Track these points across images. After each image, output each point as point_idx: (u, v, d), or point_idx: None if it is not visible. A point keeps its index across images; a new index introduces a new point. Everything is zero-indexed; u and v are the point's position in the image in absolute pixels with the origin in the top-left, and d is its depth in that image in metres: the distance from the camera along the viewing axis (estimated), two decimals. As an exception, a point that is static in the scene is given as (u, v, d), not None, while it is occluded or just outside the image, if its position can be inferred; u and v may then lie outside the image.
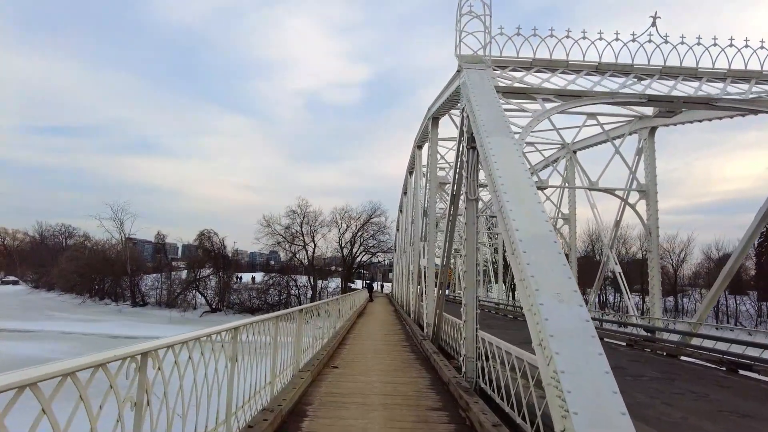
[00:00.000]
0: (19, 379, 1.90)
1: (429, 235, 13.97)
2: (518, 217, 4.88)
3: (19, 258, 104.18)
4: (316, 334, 9.98)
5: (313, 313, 9.34)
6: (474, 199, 7.90)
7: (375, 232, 63.15)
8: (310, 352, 9.08)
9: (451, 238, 10.65)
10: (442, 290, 11.40)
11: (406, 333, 15.64)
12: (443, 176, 16.89)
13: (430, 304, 13.62)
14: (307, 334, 8.83)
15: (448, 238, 10.34)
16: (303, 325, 7.84)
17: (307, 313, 8.47)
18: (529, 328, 4.33)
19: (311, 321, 9.51)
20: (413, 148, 21.19)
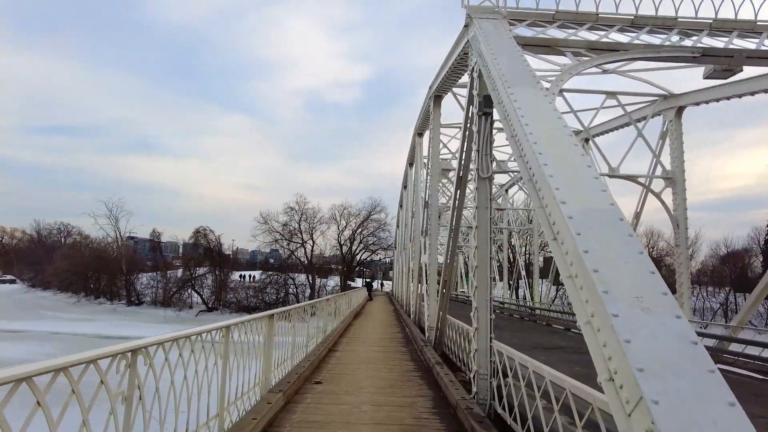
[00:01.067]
0: (13, 374, 2.04)
1: (431, 229, 12.43)
2: (563, 185, 3.34)
3: (16, 257, 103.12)
4: (297, 342, 8.46)
5: (291, 317, 7.80)
6: (487, 177, 6.36)
7: (375, 230, 61.67)
8: (288, 363, 7.57)
9: (456, 231, 9.12)
10: (446, 290, 9.87)
11: (405, 337, 14.12)
12: (446, 161, 15.35)
13: (432, 305, 12.11)
14: (284, 343, 7.32)
15: (453, 230, 8.81)
16: (274, 335, 6.30)
17: (281, 319, 6.93)
18: (591, 352, 2.78)
19: (293, 324, 7.99)
20: (413, 136, 19.63)
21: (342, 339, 12.95)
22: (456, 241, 9.31)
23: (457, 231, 9.12)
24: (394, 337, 13.91)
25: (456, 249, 9.50)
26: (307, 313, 9.49)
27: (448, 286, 9.90)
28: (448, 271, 9.73)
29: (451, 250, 9.36)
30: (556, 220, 3.22)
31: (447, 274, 9.84)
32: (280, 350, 7.38)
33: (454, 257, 9.57)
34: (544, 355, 12.64)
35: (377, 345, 12.12)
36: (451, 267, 9.63)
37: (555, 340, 16.25)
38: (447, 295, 9.98)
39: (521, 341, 15.17)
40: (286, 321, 7.33)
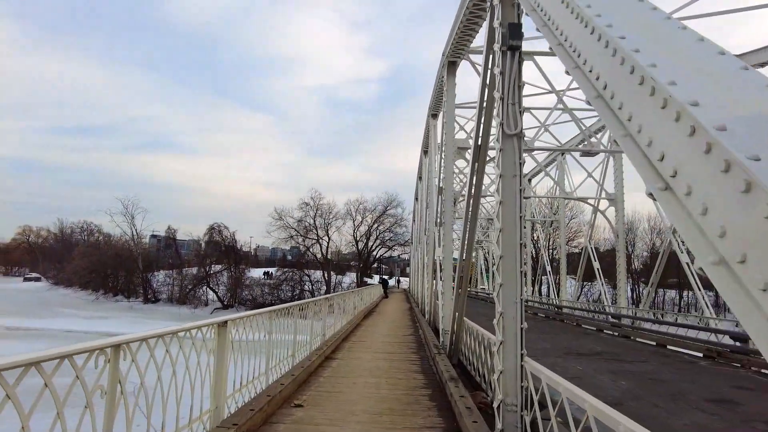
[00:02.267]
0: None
1: (445, 217, 10.72)
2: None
3: (41, 255, 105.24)
4: (280, 354, 6.92)
5: (264, 324, 6.24)
6: (515, 134, 4.66)
7: (391, 225, 60.07)
8: (263, 380, 6.02)
9: (474, 216, 7.41)
10: (463, 288, 8.17)
11: (417, 340, 12.46)
12: (463, 140, 13.53)
13: (447, 304, 10.42)
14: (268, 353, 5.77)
15: (470, 213, 7.10)
16: (229, 347, 4.73)
17: (245, 325, 5.36)
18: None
19: (270, 332, 6.43)
20: (427, 118, 17.90)
21: (345, 343, 11.38)
22: (473, 229, 7.60)
23: (474, 217, 7.40)
24: (404, 341, 12.27)
25: (473, 240, 7.79)
26: (293, 315, 7.93)
27: (465, 284, 8.21)
28: (465, 266, 8.04)
29: (467, 241, 7.66)
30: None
31: (463, 269, 8.15)
32: (254, 362, 5.85)
33: (471, 249, 7.87)
34: (579, 362, 10.83)
35: (384, 351, 10.49)
36: (468, 261, 7.94)
37: (589, 344, 14.36)
38: (463, 294, 8.29)
39: (551, 345, 13.35)
40: (254, 330, 5.75)
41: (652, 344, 14.29)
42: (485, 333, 6.98)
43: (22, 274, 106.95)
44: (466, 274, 8.06)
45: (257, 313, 5.84)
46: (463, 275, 8.12)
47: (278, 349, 7.00)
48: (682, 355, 12.38)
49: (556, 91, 14.31)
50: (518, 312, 4.53)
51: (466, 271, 8.05)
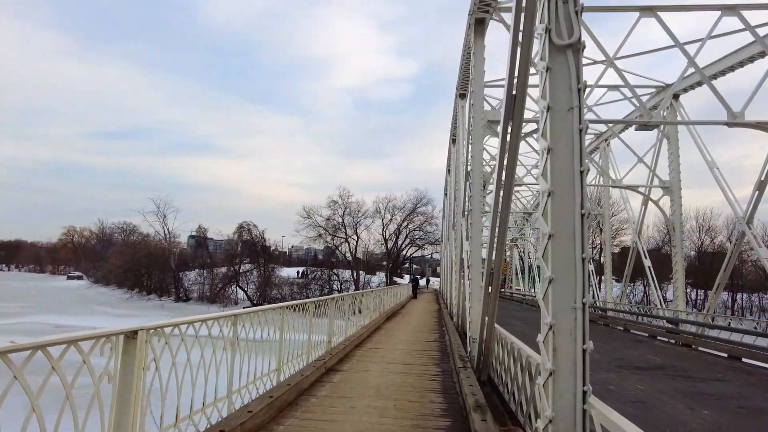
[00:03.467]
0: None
1: (473, 203, 8.99)
2: None
3: (83, 254, 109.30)
4: (257, 368, 5.43)
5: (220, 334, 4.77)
6: (570, 44, 2.96)
7: (422, 223, 58.21)
8: (219, 408, 4.54)
9: (508, 197, 5.70)
10: (494, 287, 6.46)
11: (442, 348, 10.78)
12: (494, 111, 11.66)
13: (475, 307, 8.71)
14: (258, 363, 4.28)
15: (503, 186, 5.40)
16: (141, 370, 3.23)
17: (161, 336, 3.84)
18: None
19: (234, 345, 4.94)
20: (455, 100, 16.15)
21: (356, 351, 9.85)
22: (506, 213, 5.87)
23: (507, 195, 5.67)
24: (426, 349, 10.60)
25: (506, 227, 6.05)
26: (277, 321, 6.44)
27: (496, 282, 6.49)
28: (496, 260, 6.32)
29: (499, 227, 5.95)
30: None
31: (494, 264, 6.43)
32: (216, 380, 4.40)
33: (503, 239, 6.13)
34: (638, 379, 8.88)
35: (400, 362, 8.87)
36: (500, 253, 6.21)
37: (645, 354, 12.28)
38: (495, 295, 6.57)
39: (600, 354, 11.32)
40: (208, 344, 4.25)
41: (723, 356, 12.07)
42: (524, 348, 5.29)
43: (67, 272, 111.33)
44: (497, 269, 6.34)
45: (205, 319, 4.33)
46: (494, 271, 6.40)
47: (258, 361, 5.52)
48: (766, 370, 10.18)
49: (609, 59, 12.23)
50: (579, 323, 2.84)
51: (497, 266, 6.32)
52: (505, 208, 5.81)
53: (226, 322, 4.82)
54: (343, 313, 10.66)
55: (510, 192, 5.77)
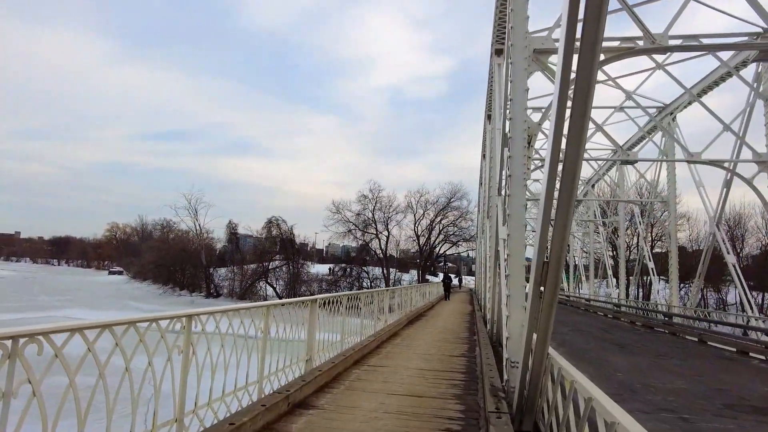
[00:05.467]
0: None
1: (513, 167, 6.23)
2: None
3: (124, 250, 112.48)
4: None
5: None
6: None
7: (456, 219, 54.96)
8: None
9: (578, 140, 3.01)
10: (550, 290, 3.76)
11: (469, 368, 8.09)
12: (543, 38, 8.62)
13: (515, 317, 5.97)
14: None
15: (571, 143, 2.74)
16: None
17: None
18: None
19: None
20: (490, 57, 13.33)
21: (351, 371, 7.33)
22: (576, 159, 3.19)
23: (578, 134, 3.00)
24: (449, 368, 7.93)
25: (574, 187, 3.34)
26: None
27: (554, 281, 3.77)
28: (555, 244, 3.60)
29: (562, 186, 3.28)
30: None
31: (551, 252, 3.72)
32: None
33: (569, 205, 3.43)
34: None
35: (407, 392, 6.27)
36: (563, 232, 3.49)
37: (752, 383, 9.01)
38: (551, 301, 3.87)
39: (688, 381, 8.14)
40: None
41: None
42: (602, 401, 2.57)
43: (109, 267, 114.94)
44: (557, 260, 3.63)
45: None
46: (551, 263, 3.69)
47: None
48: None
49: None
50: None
51: (556, 255, 3.62)
52: (573, 156, 3.13)
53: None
54: (343, 317, 8.16)
55: (582, 133, 3.06)
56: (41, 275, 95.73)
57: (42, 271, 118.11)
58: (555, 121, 3.29)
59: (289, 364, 5.89)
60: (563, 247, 3.61)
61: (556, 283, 3.80)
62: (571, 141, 3.15)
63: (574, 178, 3.25)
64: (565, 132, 3.25)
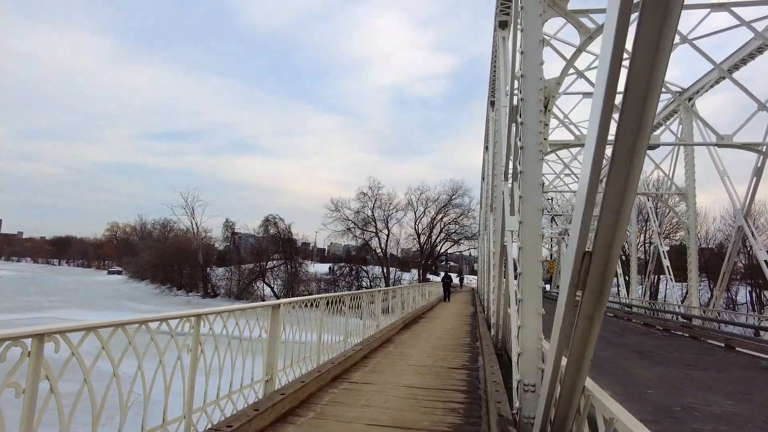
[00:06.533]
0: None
1: (526, 136, 4.94)
2: None
3: (123, 249, 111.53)
4: None
5: None
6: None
7: (458, 216, 53.56)
8: None
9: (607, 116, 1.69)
10: (592, 296, 2.45)
11: (471, 384, 6.76)
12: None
13: (530, 327, 4.61)
14: None
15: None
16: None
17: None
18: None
19: None
20: (494, 34, 12.00)
21: (331, 388, 6.03)
22: (653, 89, 1.88)
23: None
24: (445, 388, 6.60)
25: (645, 126, 2.05)
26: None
27: (595, 281, 2.47)
28: (608, 227, 2.28)
29: (632, 130, 1.97)
30: None
31: (597, 241, 2.42)
32: None
33: (637, 158, 2.12)
34: None
35: (391, 422, 4.95)
36: (623, 201, 2.19)
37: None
38: (590, 314, 2.56)
39: (734, 402, 6.67)
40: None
41: None
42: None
43: (108, 267, 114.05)
44: (608, 248, 2.32)
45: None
46: (596, 253, 2.37)
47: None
48: None
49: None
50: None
51: (608, 243, 2.31)
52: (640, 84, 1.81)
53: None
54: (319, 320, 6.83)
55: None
56: (40, 275, 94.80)
57: (42, 270, 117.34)
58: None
59: (239, 388, 4.58)
60: (619, 229, 2.28)
61: (602, 288, 2.48)
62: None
63: (646, 108, 1.93)
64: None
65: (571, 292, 2.58)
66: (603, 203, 2.23)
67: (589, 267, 2.45)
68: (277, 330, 5.27)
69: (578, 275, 2.46)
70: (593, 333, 2.68)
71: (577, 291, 2.57)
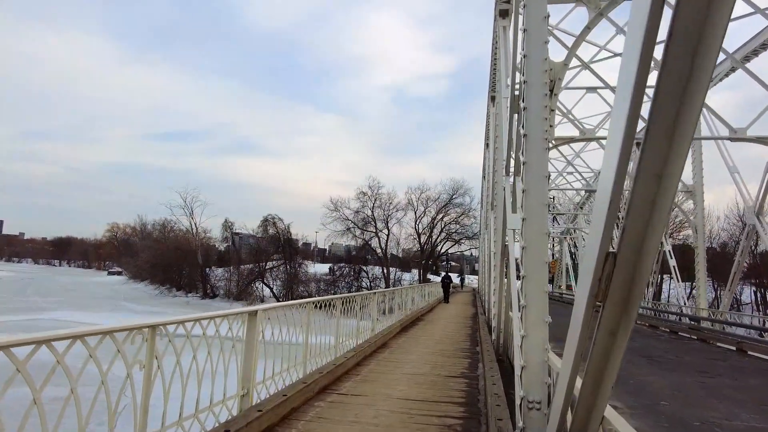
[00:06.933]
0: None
1: (530, 119, 4.45)
2: None
3: (123, 250, 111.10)
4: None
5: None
6: None
7: (458, 216, 53.00)
8: None
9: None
10: (617, 306, 1.94)
11: (470, 398, 6.25)
12: None
13: (535, 336, 4.09)
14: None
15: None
16: None
17: None
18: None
19: None
20: (494, 22, 11.48)
21: (317, 401, 5.53)
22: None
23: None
24: (442, 401, 6.09)
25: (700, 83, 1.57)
26: None
27: (620, 287, 1.97)
28: (640, 221, 1.79)
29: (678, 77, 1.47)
30: None
31: (624, 239, 1.92)
32: None
33: (688, 126, 1.63)
34: None
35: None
36: (668, 185, 1.69)
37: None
38: (612, 329, 2.06)
39: (765, 421, 6.17)
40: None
41: None
42: None
43: (108, 268, 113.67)
44: (639, 247, 1.81)
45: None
46: (620, 251, 1.87)
47: None
48: None
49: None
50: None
51: (639, 239, 1.80)
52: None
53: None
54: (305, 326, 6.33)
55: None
56: (40, 276, 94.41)
57: (42, 271, 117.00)
58: None
59: (208, 405, 4.08)
60: (655, 223, 1.77)
61: (629, 297, 1.97)
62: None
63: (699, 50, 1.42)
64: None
65: (590, 303, 2.07)
66: (634, 189, 1.71)
67: (612, 272, 1.94)
68: (254, 340, 4.76)
69: (599, 284, 1.94)
70: (616, 352, 2.18)
71: (597, 302, 2.06)
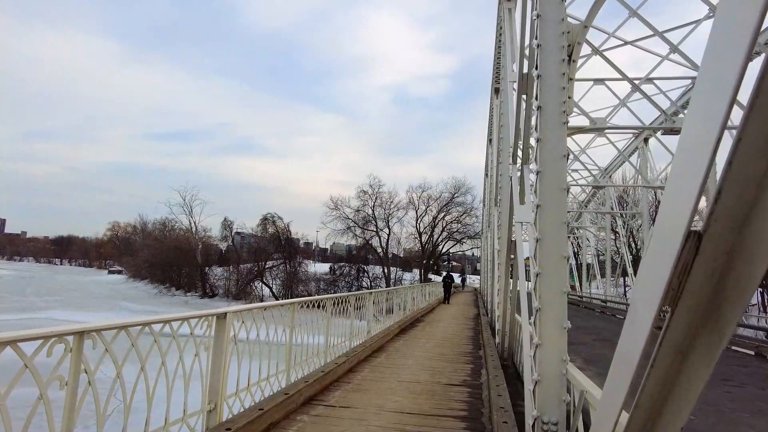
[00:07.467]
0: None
1: (545, 99, 3.81)
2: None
3: (124, 249, 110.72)
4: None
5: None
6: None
7: (460, 215, 52.27)
8: None
9: None
10: (698, 310, 1.30)
11: (473, 411, 5.60)
12: None
13: (550, 344, 3.43)
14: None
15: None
16: None
17: None
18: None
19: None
20: (498, 7, 10.80)
21: (299, 414, 4.89)
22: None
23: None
24: (442, 415, 5.44)
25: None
26: None
27: (703, 287, 1.34)
28: (735, 186, 1.17)
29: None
30: None
31: (715, 215, 1.39)
32: None
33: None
34: None
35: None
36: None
37: None
38: (681, 347, 1.41)
39: None
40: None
41: None
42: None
43: (109, 267, 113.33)
44: (730, 225, 1.17)
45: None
46: (708, 229, 1.23)
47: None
48: None
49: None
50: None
51: (727, 217, 1.16)
52: None
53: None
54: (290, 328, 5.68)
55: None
56: (40, 275, 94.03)
57: (42, 270, 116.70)
58: None
59: (163, 426, 3.43)
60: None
61: (718, 300, 1.32)
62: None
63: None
64: None
65: (655, 308, 1.41)
66: (745, 126, 1.06)
67: (692, 261, 1.29)
68: (223, 346, 4.11)
69: (678, 281, 1.28)
70: (685, 382, 1.51)
71: (666, 305, 1.40)
